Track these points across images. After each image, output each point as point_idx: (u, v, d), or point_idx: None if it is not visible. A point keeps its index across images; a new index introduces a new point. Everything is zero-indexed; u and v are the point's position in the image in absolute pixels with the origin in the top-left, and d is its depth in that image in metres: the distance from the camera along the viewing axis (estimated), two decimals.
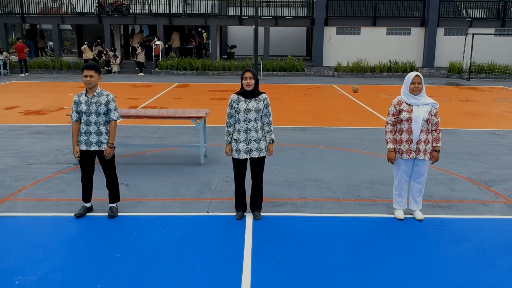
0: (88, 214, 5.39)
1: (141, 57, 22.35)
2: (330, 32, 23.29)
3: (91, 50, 22.34)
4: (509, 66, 22.50)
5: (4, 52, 22.36)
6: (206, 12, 25.26)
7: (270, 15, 24.09)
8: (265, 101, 5.20)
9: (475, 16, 24.26)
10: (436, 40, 22.99)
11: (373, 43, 23.13)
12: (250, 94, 5.14)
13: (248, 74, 5.10)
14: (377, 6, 23.04)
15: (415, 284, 3.98)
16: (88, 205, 5.42)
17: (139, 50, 22.38)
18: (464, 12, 24.61)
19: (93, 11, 24.26)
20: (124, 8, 23.88)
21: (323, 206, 5.72)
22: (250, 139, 5.15)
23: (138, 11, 24.68)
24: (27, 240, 4.77)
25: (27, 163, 7.42)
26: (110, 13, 23.82)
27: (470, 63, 21.47)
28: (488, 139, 9.44)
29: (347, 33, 23.35)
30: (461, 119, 11.69)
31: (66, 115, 8.25)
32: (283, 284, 3.98)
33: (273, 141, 5.26)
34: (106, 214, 5.36)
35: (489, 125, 10.92)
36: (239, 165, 5.28)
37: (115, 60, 22.90)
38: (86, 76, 5.15)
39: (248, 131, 5.14)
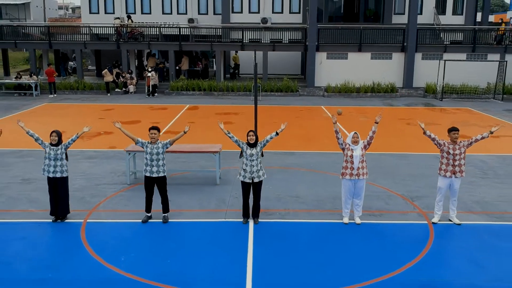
0: (149, 221, 8.48)
1: (154, 80, 25.44)
2: (321, 56, 26.40)
3: (111, 74, 25.41)
4: (478, 87, 25.59)
5: (33, 76, 25.50)
6: (211, 34, 28.56)
7: (269, 39, 27.23)
8: (260, 146, 8.29)
9: (452, 39, 27.43)
10: (415, 64, 26.10)
11: (359, 67, 26.23)
12: (253, 145, 8.25)
13: (251, 133, 8.22)
14: (362, 34, 26.15)
15: (345, 258, 7.09)
16: (149, 214, 8.52)
17: (152, 73, 25.46)
18: (442, 35, 27.74)
19: (112, 38, 27.50)
20: (139, 35, 26.98)
21: (299, 215, 8.82)
22: (252, 171, 8.25)
23: (151, 33, 27.88)
24: (121, 237, 7.87)
25: (94, 184, 10.51)
26: (126, 39, 26.91)
27: (443, 85, 24.59)
28: (431, 162, 12.49)
29: (336, 58, 26.46)
30: (417, 144, 14.72)
31: (136, 144, 11.19)
32: (270, 256, 7.08)
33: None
34: (161, 220, 8.45)
35: (437, 149, 13.97)
36: (245, 187, 8.38)
37: (132, 81, 26.02)
38: (152, 133, 8.22)
39: (251, 166, 8.24)
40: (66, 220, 8.46)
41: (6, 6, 64.49)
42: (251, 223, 8.42)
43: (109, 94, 25.15)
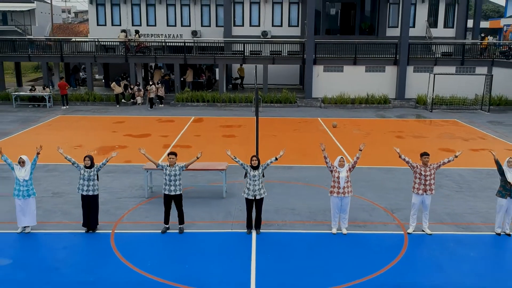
0: (168, 231, 10.00)
1: (161, 92, 26.97)
2: (318, 69, 27.93)
3: (119, 86, 26.91)
4: (467, 98, 27.11)
5: (46, 88, 27.03)
6: (213, 46, 30.23)
7: (269, 52, 28.79)
8: (262, 168, 9.81)
9: (443, 51, 28.98)
10: (406, 76, 27.62)
11: (354, 79, 27.74)
12: (255, 167, 9.77)
13: (254, 158, 9.74)
14: (357, 49, 27.69)
15: (333, 263, 8.62)
16: (167, 226, 10.04)
17: (159, 86, 27.00)
18: (433, 48, 29.27)
19: (118, 49, 29.11)
20: (146, 49, 28.51)
21: (294, 226, 10.35)
22: (255, 189, 9.76)
23: (156, 44, 29.51)
24: (145, 245, 9.39)
25: (116, 197, 12.02)
26: (134, 53, 28.44)
27: (433, 98, 26.11)
28: (412, 177, 13.95)
29: (332, 71, 27.99)
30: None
31: (157, 167, 12.68)
32: (270, 261, 8.60)
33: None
34: (177, 231, 9.97)
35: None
36: (248, 203, 9.89)
37: (139, 93, 27.54)
38: (170, 158, 9.73)
39: (254, 185, 9.75)
40: (96, 231, 9.98)
41: (12, 12, 66.12)
42: (253, 233, 9.93)
43: (117, 106, 26.64)
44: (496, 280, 8.30)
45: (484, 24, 67.54)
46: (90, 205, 9.85)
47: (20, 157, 9.78)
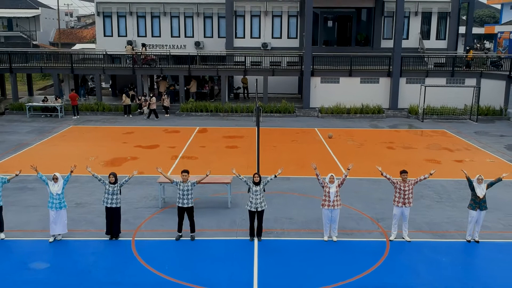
0: (180, 238, 11.49)
1: (166, 102, 28.48)
2: (315, 81, 29.44)
3: (128, 97, 28.41)
4: (456, 108, 28.62)
5: (58, 99, 28.54)
6: (216, 56, 31.83)
7: (269, 63, 30.33)
8: (263, 184, 11.31)
9: (436, 61, 30.55)
10: (399, 87, 29.13)
11: (349, 90, 29.25)
12: (257, 183, 11.28)
13: (256, 175, 11.24)
14: (352, 61, 29.20)
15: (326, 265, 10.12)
16: (180, 233, 11.53)
17: (164, 97, 28.52)
18: (426, 59, 30.80)
19: (124, 59, 30.70)
20: (152, 62, 30.03)
21: (291, 234, 11.85)
22: (257, 202, 11.26)
23: (161, 54, 31.08)
24: (162, 251, 10.89)
25: (133, 207, 13.51)
26: (141, 65, 29.97)
27: (424, 108, 27.62)
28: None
29: (329, 82, 29.50)
30: (393, 169, 17.67)
31: (172, 183, 14.17)
32: (270, 265, 10.10)
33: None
34: (189, 238, 11.46)
35: (411, 174, 16.93)
36: (251, 214, 11.39)
37: (146, 103, 29.02)
38: (183, 175, 11.23)
39: (256, 199, 11.25)
40: (119, 238, 11.48)
41: (17, 19, 67.64)
42: (255, 240, 11.43)
43: (127, 116, 28.12)
44: (463, 282, 9.80)
45: (480, 30, 69.21)
46: (113, 215, 11.35)
47: (54, 174, 11.26)
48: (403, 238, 11.59)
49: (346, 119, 28.13)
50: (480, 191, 11.22)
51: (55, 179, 11.22)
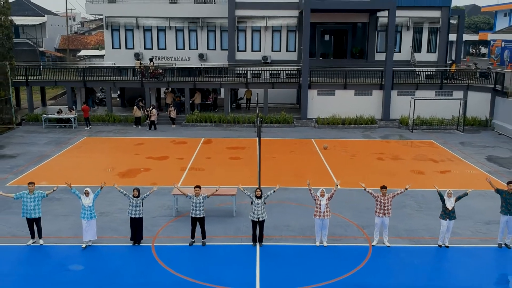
0: (193, 244, 13.44)
1: (173, 114, 30.45)
2: (313, 93, 31.40)
3: (139, 109, 30.34)
4: (444, 119, 30.57)
5: (72, 111, 30.51)
6: (219, 68, 33.88)
7: (269, 75, 32.32)
8: (264, 198, 13.27)
9: (427, 73, 32.57)
10: (391, 99, 31.10)
11: (344, 102, 31.21)
12: (259, 197, 13.24)
13: (258, 190, 13.21)
14: (347, 75, 31.19)
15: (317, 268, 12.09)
16: (193, 240, 13.49)
17: (171, 108, 30.48)
18: (417, 71, 32.81)
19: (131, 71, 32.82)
20: (160, 75, 32.02)
21: (288, 240, 13.80)
22: (258, 213, 13.22)
23: (166, 67, 33.12)
24: (178, 254, 12.84)
25: (150, 216, 15.45)
26: (149, 79, 31.97)
27: (413, 120, 29.58)
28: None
29: (325, 94, 31.47)
30: (382, 179, 19.61)
31: (186, 196, 16.13)
32: (270, 267, 12.06)
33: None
34: (201, 244, 13.42)
35: (394, 185, 18.86)
36: (254, 224, 13.36)
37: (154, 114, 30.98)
38: (196, 190, 13.19)
39: (258, 210, 13.21)
40: (141, 244, 13.44)
41: (24, 26, 69.60)
42: (257, 246, 13.38)
43: (137, 126, 30.06)
44: (432, 282, 11.76)
45: (475, 37, 71.18)
46: (136, 224, 13.31)
47: (86, 189, 13.22)
48: (384, 244, 13.53)
49: (341, 129, 30.08)
50: (450, 203, 13.18)
51: (86, 193, 13.17)
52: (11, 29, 31.23)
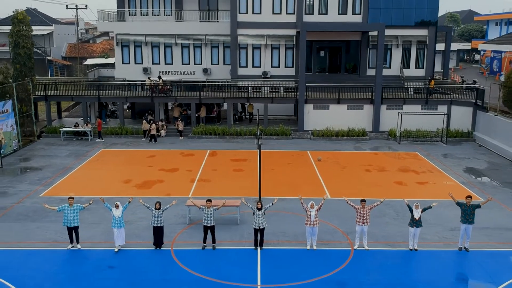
0: (205, 248, 16.20)
1: (181, 127, 33.23)
2: (309, 107, 34.19)
3: (148, 123, 33.11)
4: (429, 131, 33.32)
5: (88, 124, 33.29)
6: (222, 82, 36.79)
7: (269, 89, 35.09)
8: (264, 209, 16.04)
9: (415, 87, 35.38)
10: (380, 113, 33.87)
11: (338, 115, 33.99)
12: (260, 209, 16.02)
13: (259, 203, 15.98)
14: (340, 90, 33.97)
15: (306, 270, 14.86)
16: (205, 244, 16.24)
17: (179, 122, 33.26)
18: (406, 85, 35.61)
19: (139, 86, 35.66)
20: (168, 91, 34.82)
21: (284, 244, 16.57)
22: (259, 222, 15.99)
23: (173, 83, 35.93)
24: (194, 257, 15.61)
25: (167, 224, 18.16)
26: (158, 94, 34.77)
27: (401, 132, 32.35)
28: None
29: (320, 108, 34.25)
30: (367, 190, 22.32)
31: (200, 208, 18.90)
32: (269, 267, 14.83)
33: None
34: (211, 248, 16.17)
35: (378, 195, 21.59)
36: (255, 231, 16.13)
37: (163, 127, 33.79)
38: (208, 202, 15.95)
39: (259, 220, 15.98)
40: (162, 248, 16.20)
41: (32, 36, 72.30)
42: (258, 249, 16.14)
43: (145, 139, 32.81)
44: (401, 279, 14.52)
45: (467, 46, 73.89)
46: (158, 232, 16.08)
47: (116, 202, 16.00)
48: (364, 247, 16.28)
49: (335, 141, 32.83)
50: (416, 214, 15.94)
51: (116, 206, 15.94)
52: (32, 49, 33.97)
